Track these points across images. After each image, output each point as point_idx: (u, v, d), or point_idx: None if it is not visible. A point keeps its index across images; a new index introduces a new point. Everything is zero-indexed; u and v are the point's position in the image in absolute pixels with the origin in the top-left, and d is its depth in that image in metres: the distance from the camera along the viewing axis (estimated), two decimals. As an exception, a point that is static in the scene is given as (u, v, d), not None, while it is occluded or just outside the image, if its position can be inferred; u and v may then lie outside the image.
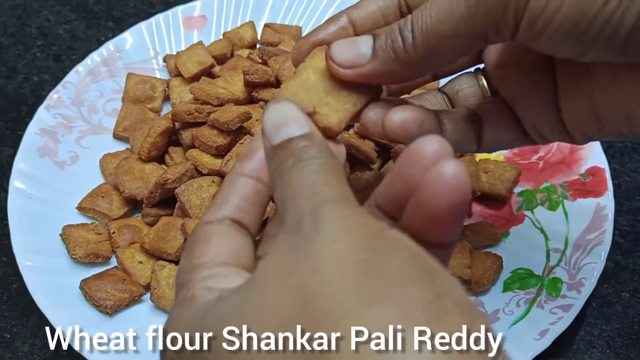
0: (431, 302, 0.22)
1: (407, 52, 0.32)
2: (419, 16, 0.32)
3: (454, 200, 0.25)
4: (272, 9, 0.72)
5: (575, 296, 0.50)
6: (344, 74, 0.33)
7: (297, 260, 0.24)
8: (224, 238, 0.30)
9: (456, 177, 0.24)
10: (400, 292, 0.22)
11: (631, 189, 0.62)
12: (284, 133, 0.28)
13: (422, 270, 0.23)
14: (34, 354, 0.53)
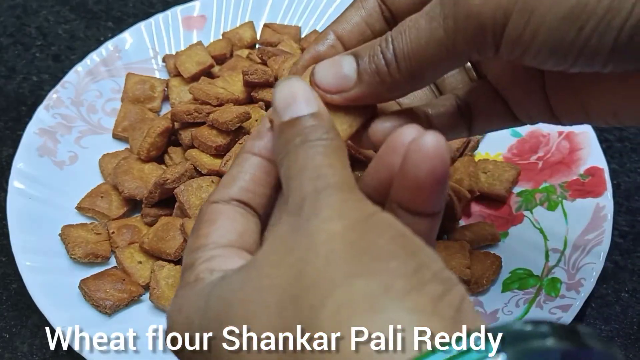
0: (411, 274, 0.24)
1: (392, 76, 0.32)
2: (400, 39, 0.32)
3: (434, 168, 0.27)
4: (272, 9, 0.72)
5: (574, 296, 0.50)
6: (331, 99, 0.33)
7: (294, 240, 0.26)
8: (229, 219, 0.31)
9: (435, 147, 0.26)
10: (383, 266, 0.24)
11: (630, 189, 0.62)
12: (293, 111, 0.29)
13: (405, 247, 0.25)
14: (33, 354, 0.53)
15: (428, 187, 0.27)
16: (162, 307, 0.52)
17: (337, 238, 0.25)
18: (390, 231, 0.25)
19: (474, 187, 0.57)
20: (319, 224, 0.26)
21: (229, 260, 0.29)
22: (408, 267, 0.24)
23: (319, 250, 0.25)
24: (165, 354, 0.49)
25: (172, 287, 0.52)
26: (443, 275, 0.24)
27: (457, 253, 0.52)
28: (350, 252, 0.24)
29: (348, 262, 0.24)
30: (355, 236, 0.25)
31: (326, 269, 0.24)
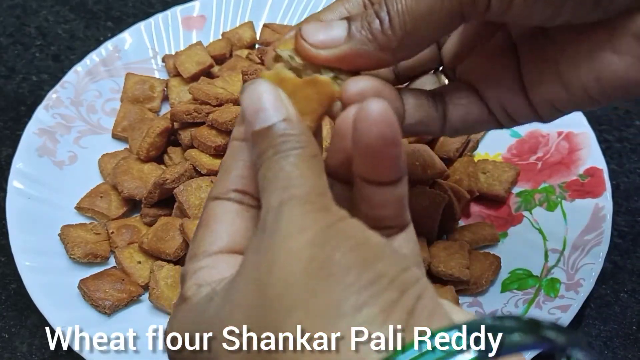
0: (365, 287, 0.24)
1: (384, 34, 0.32)
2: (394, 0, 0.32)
3: (383, 132, 0.27)
4: (271, 9, 0.72)
5: (573, 297, 0.50)
6: (316, 54, 0.32)
7: (258, 258, 0.27)
8: (222, 222, 0.31)
9: (380, 112, 0.27)
10: (339, 282, 0.24)
11: (629, 190, 0.62)
12: (263, 119, 0.29)
13: (362, 258, 0.25)
14: (32, 354, 0.53)
15: (382, 152, 0.28)
16: (161, 307, 0.52)
17: (296, 257, 0.25)
18: (348, 242, 0.26)
19: (473, 187, 0.57)
20: (279, 242, 0.26)
21: (215, 270, 0.30)
22: (363, 279, 0.24)
23: (279, 271, 0.25)
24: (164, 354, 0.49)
25: (171, 287, 0.52)
26: (400, 279, 0.25)
27: (457, 253, 0.52)
28: (307, 271, 0.25)
29: (305, 282, 0.25)
30: (314, 252, 0.25)
31: (285, 291, 0.25)
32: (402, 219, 0.31)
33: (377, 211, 0.30)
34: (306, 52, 0.32)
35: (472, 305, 0.52)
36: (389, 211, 0.31)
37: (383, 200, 0.30)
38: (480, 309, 0.51)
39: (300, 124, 0.29)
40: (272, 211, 0.27)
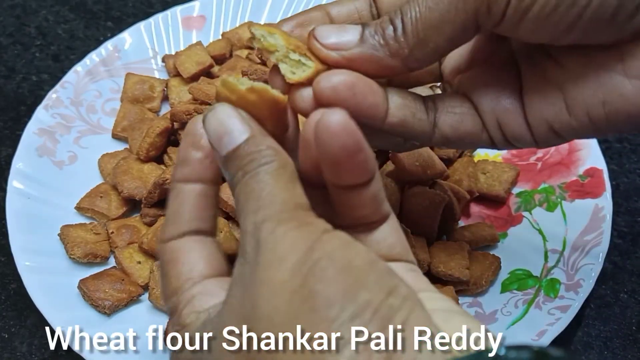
0: (350, 320, 0.24)
1: (396, 40, 0.32)
2: (409, 6, 0.32)
3: (344, 143, 0.27)
4: (271, 9, 0.72)
5: (573, 297, 0.50)
6: (326, 55, 0.32)
7: (244, 293, 0.26)
8: (190, 252, 0.31)
9: (339, 122, 0.27)
10: (323, 318, 0.24)
11: (629, 190, 0.62)
12: (227, 143, 0.29)
13: (344, 288, 0.25)
14: (32, 354, 0.53)
15: (346, 162, 0.28)
16: (161, 307, 0.52)
17: (278, 291, 0.25)
18: (331, 268, 0.25)
19: (473, 187, 0.57)
20: (261, 274, 0.26)
21: (209, 296, 0.30)
22: (346, 313, 0.24)
23: (263, 308, 0.25)
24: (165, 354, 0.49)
25: (171, 287, 0.52)
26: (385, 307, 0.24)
27: (456, 254, 0.52)
28: (290, 306, 0.25)
29: (289, 319, 0.25)
30: (296, 283, 0.25)
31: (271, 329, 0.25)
32: (382, 212, 0.31)
33: (358, 211, 0.30)
34: (317, 52, 0.32)
35: (471, 305, 0.52)
36: (369, 209, 0.30)
37: (359, 201, 0.30)
38: (480, 309, 0.51)
39: (265, 138, 0.29)
40: (249, 236, 0.27)
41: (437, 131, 0.36)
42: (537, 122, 0.35)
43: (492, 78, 0.37)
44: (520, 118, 0.36)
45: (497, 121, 0.36)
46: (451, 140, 0.37)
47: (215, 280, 0.30)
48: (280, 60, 0.33)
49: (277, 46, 0.33)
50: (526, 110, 0.36)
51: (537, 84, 0.35)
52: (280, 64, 0.33)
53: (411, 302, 0.25)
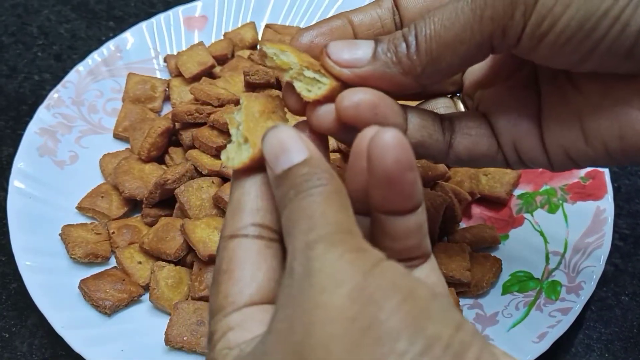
0: (420, 354, 0.22)
1: (409, 58, 0.31)
2: (423, 23, 0.31)
3: (398, 157, 0.27)
4: (273, 9, 0.72)
5: (574, 299, 0.50)
6: (339, 72, 0.32)
7: (293, 315, 0.25)
8: (248, 266, 0.29)
9: (394, 138, 0.27)
10: (390, 350, 0.22)
11: (631, 192, 0.62)
12: (284, 162, 0.28)
13: (412, 319, 0.23)
14: (32, 354, 0.53)
15: (398, 178, 0.27)
16: (161, 308, 0.52)
17: (336, 317, 0.23)
18: (393, 297, 0.24)
19: (474, 189, 0.57)
20: (314, 297, 0.24)
21: (246, 331, 0.28)
22: (416, 347, 0.23)
23: (319, 335, 0.23)
24: (164, 354, 0.49)
25: (171, 288, 0.52)
26: (456, 342, 0.23)
27: (457, 255, 0.52)
28: (350, 335, 0.23)
29: (350, 349, 0.23)
30: (355, 310, 0.23)
31: (328, 358, 0.23)
32: (424, 248, 0.30)
33: (401, 243, 0.29)
34: (330, 69, 0.32)
35: (472, 307, 0.52)
36: (412, 241, 0.29)
37: (405, 230, 0.29)
38: (481, 311, 0.51)
39: (322, 162, 0.28)
40: (300, 256, 0.26)
41: (452, 152, 0.37)
42: (553, 147, 0.35)
43: (512, 99, 0.36)
44: (537, 141, 0.36)
45: (513, 143, 0.36)
46: (465, 161, 0.37)
47: (258, 310, 0.29)
48: (295, 78, 0.32)
49: (290, 64, 0.32)
50: (544, 135, 0.36)
51: (557, 109, 0.35)
52: (294, 82, 0.32)
53: (480, 340, 0.24)
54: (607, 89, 0.33)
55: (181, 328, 0.49)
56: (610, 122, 0.33)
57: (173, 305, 0.50)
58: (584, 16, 0.29)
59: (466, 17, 0.30)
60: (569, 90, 0.35)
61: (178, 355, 0.49)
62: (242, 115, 0.32)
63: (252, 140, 0.31)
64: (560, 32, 0.30)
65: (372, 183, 0.28)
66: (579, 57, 0.31)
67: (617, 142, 0.33)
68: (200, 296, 0.51)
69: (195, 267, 0.53)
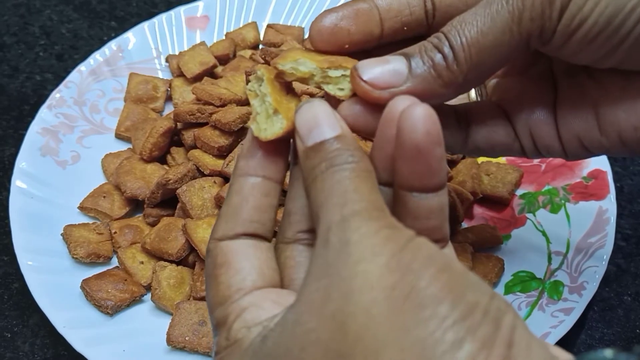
0: (462, 319, 0.23)
1: (450, 70, 0.30)
2: (456, 31, 0.30)
3: (429, 130, 0.26)
4: (275, 9, 0.72)
5: (576, 299, 0.50)
6: (378, 95, 0.30)
7: (329, 284, 0.25)
8: (245, 257, 0.30)
9: (425, 111, 0.26)
10: (431, 314, 0.23)
11: (633, 192, 0.61)
12: (316, 135, 0.28)
13: (450, 287, 0.24)
14: (34, 354, 0.53)
15: (427, 150, 0.27)
16: (163, 308, 0.52)
17: (375, 284, 0.24)
18: (430, 267, 0.24)
19: (476, 189, 0.57)
20: (353, 266, 0.24)
21: (262, 310, 0.28)
22: (457, 312, 0.23)
23: (358, 301, 0.24)
24: (166, 354, 0.49)
25: (173, 288, 0.52)
26: (493, 309, 0.24)
27: (459, 255, 0.52)
28: (391, 301, 0.23)
29: (392, 314, 0.23)
30: (395, 279, 0.24)
31: (369, 324, 0.23)
32: (444, 232, 0.30)
33: (422, 222, 0.29)
34: (367, 94, 0.30)
35: (474, 307, 0.52)
36: (434, 222, 0.29)
37: (428, 209, 0.28)
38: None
39: (353, 140, 0.28)
40: (336, 228, 0.25)
41: (470, 142, 0.37)
42: (568, 136, 0.36)
43: (527, 89, 0.37)
44: (552, 130, 0.36)
45: (529, 131, 0.36)
46: (484, 150, 0.37)
47: (269, 291, 0.29)
48: (321, 83, 0.31)
49: (311, 71, 0.31)
50: (559, 124, 0.36)
51: (573, 98, 0.35)
52: (324, 86, 0.31)
53: (513, 309, 0.24)
54: (627, 83, 0.34)
55: (183, 328, 0.49)
56: (627, 114, 0.34)
57: (175, 305, 0.50)
58: (612, 13, 0.30)
59: (504, 20, 0.30)
60: (587, 83, 0.35)
61: (180, 355, 0.49)
62: (267, 87, 0.31)
63: (283, 112, 0.30)
64: (589, 28, 0.30)
65: (400, 155, 0.28)
66: (604, 53, 0.31)
67: (632, 133, 0.34)
68: (202, 296, 0.51)
69: (197, 267, 0.53)
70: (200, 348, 0.49)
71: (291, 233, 0.31)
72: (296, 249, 0.30)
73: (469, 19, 0.30)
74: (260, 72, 0.31)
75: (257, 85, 0.31)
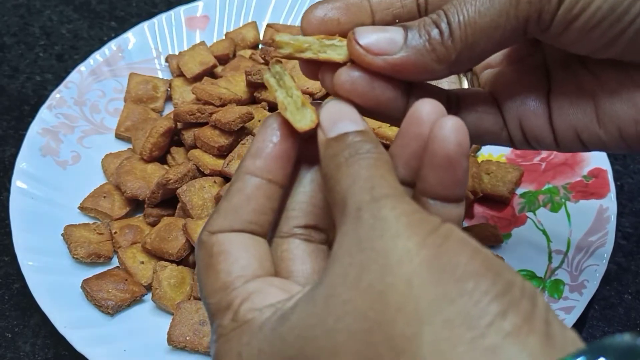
0: (503, 293, 0.23)
1: (444, 45, 0.31)
2: (455, 9, 0.31)
3: (460, 141, 0.27)
4: (275, 9, 0.72)
5: (577, 298, 0.50)
6: (371, 60, 0.30)
7: (366, 257, 0.25)
8: (243, 248, 0.29)
9: (457, 123, 0.27)
10: (474, 287, 0.23)
11: (634, 191, 0.61)
12: (340, 128, 0.29)
13: (488, 265, 0.24)
14: (35, 354, 0.53)
15: (456, 161, 0.27)
16: (164, 307, 0.52)
17: (413, 257, 0.24)
18: (466, 247, 0.25)
19: (477, 188, 0.57)
20: (389, 241, 0.25)
21: (269, 295, 0.28)
22: (498, 287, 0.23)
23: (397, 272, 0.24)
24: (167, 354, 0.49)
25: (174, 287, 0.52)
26: (528, 289, 0.24)
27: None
28: (431, 273, 0.24)
29: (433, 285, 0.23)
30: (432, 254, 0.24)
31: (410, 293, 0.23)
32: None
33: None
34: (361, 57, 0.31)
35: (475, 306, 0.52)
36: None
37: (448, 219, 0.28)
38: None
39: (374, 136, 0.29)
40: (367, 206, 0.26)
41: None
42: (563, 127, 0.35)
43: (520, 78, 0.37)
44: (544, 121, 0.36)
45: (519, 122, 0.36)
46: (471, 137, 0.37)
47: (269, 279, 0.29)
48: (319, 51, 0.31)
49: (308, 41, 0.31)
50: (553, 115, 0.35)
51: (569, 89, 0.35)
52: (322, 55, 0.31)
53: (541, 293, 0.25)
54: (624, 76, 0.33)
55: (184, 328, 0.49)
56: (626, 107, 0.33)
57: (175, 305, 0.50)
58: (615, 1, 0.30)
59: (502, 2, 0.30)
60: (583, 74, 0.35)
61: (180, 355, 0.49)
62: (291, 80, 0.31)
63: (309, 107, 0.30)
64: (590, 16, 0.30)
65: (429, 162, 0.28)
66: (604, 43, 0.31)
67: (632, 126, 0.33)
68: (202, 296, 0.51)
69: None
70: (201, 348, 0.49)
71: (287, 228, 0.31)
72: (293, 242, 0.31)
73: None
74: (280, 67, 0.31)
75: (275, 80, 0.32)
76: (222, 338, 0.28)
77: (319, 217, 0.31)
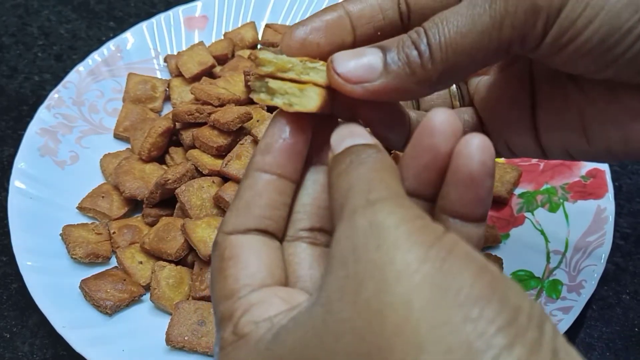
0: (509, 323, 0.22)
1: (424, 68, 0.30)
2: (436, 29, 0.30)
3: (485, 161, 0.26)
4: (273, 9, 0.72)
5: (575, 298, 0.50)
6: (351, 89, 0.30)
7: (362, 270, 0.24)
8: (254, 253, 0.29)
9: (483, 142, 0.27)
10: (479, 315, 0.22)
11: (632, 191, 0.62)
12: (348, 143, 0.28)
13: (494, 288, 0.23)
14: (33, 354, 0.53)
15: (479, 180, 0.27)
16: (162, 308, 0.52)
17: (413, 273, 0.23)
18: (471, 264, 0.23)
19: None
20: (387, 253, 0.23)
21: (270, 306, 0.27)
22: (504, 316, 0.22)
23: (396, 291, 0.23)
24: (165, 354, 0.49)
25: (172, 288, 0.52)
26: (535, 314, 0.23)
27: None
28: (433, 293, 0.22)
29: (434, 308, 0.22)
30: (434, 271, 0.23)
31: (409, 316, 0.22)
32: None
33: None
34: (340, 87, 0.30)
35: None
36: None
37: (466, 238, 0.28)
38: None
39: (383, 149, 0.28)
40: (362, 210, 0.25)
41: None
42: (552, 145, 0.35)
43: (504, 96, 0.36)
44: (530, 139, 0.36)
45: (504, 141, 0.36)
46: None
47: (275, 289, 0.28)
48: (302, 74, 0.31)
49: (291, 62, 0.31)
50: (540, 134, 0.35)
51: (555, 105, 0.35)
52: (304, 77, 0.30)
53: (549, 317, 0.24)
54: (613, 96, 0.33)
55: (182, 328, 0.49)
56: (616, 127, 0.33)
57: (174, 305, 0.50)
58: (607, 32, 0.28)
59: (484, 24, 0.29)
60: (570, 90, 0.34)
61: (179, 355, 0.49)
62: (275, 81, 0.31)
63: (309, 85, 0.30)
64: (581, 45, 0.29)
65: (451, 180, 0.27)
66: (596, 68, 0.30)
67: (621, 145, 0.33)
68: (201, 296, 0.51)
69: (196, 267, 0.53)
70: (200, 348, 0.49)
71: (293, 231, 0.30)
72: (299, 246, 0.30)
73: (451, 18, 0.30)
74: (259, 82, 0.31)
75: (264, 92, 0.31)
76: (223, 352, 0.28)
77: (324, 218, 0.31)
